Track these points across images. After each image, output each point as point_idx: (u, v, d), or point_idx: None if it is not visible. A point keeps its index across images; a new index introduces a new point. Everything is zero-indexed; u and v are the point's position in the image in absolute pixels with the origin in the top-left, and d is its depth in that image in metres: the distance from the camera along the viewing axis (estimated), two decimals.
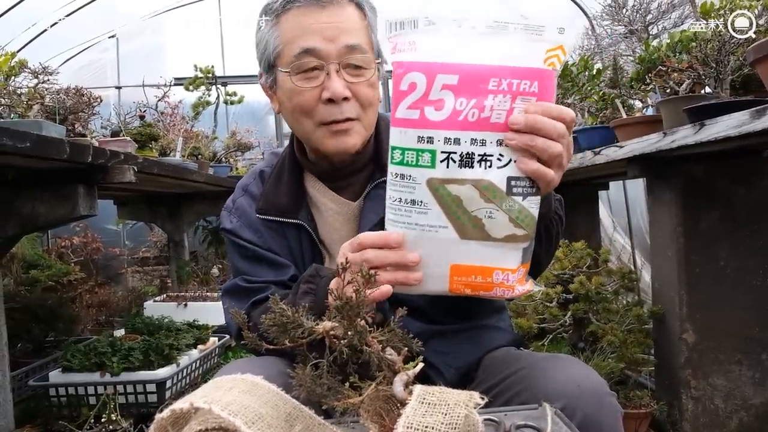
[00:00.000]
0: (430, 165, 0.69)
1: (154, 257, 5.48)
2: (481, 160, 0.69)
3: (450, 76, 0.67)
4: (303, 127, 1.02)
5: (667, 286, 2.08)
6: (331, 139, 1.00)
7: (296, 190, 1.09)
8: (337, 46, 0.95)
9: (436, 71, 0.67)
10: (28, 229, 1.80)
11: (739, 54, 1.64)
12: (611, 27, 2.75)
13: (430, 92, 0.67)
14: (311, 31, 0.94)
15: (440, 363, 1.04)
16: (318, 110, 0.98)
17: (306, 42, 0.95)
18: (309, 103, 0.98)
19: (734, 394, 1.98)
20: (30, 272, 3.23)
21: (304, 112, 0.99)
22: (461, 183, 0.70)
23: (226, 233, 1.11)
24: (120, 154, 1.90)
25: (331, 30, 0.94)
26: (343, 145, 1.01)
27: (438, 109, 0.68)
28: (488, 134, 0.68)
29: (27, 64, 1.95)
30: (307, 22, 0.95)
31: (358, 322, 0.63)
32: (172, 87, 4.03)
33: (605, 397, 0.88)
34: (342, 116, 0.98)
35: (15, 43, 4.70)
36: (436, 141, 0.68)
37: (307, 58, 0.95)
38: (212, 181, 3.70)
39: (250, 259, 1.07)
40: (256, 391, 0.61)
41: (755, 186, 1.96)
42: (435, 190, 0.70)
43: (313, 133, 1.01)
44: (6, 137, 1.32)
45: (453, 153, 0.68)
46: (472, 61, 0.67)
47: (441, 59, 0.67)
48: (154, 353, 2.36)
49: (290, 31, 0.96)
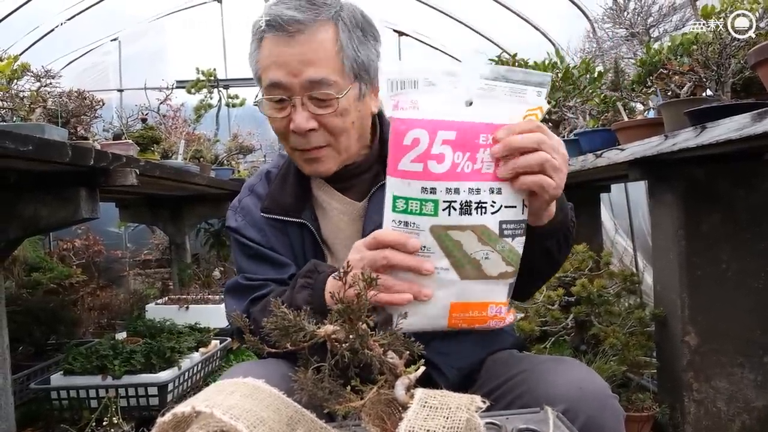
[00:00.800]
0: (433, 213, 0.76)
1: (155, 260, 5.48)
2: (478, 207, 0.76)
3: (449, 132, 0.74)
4: (286, 147, 1.08)
5: (668, 288, 2.08)
6: (306, 165, 1.06)
7: (301, 190, 1.11)
8: (300, 80, 0.97)
9: (437, 128, 0.74)
10: (30, 232, 1.80)
11: (740, 57, 1.64)
12: (612, 30, 2.75)
13: (432, 147, 0.74)
14: (278, 65, 0.98)
15: (442, 363, 1.05)
16: (290, 137, 1.03)
17: (273, 75, 0.98)
18: (281, 131, 1.03)
19: (736, 396, 1.98)
20: (32, 275, 3.23)
21: (280, 136, 1.05)
22: (462, 229, 0.76)
23: (230, 231, 1.13)
24: (122, 157, 1.90)
25: (295, 64, 0.97)
26: (315, 172, 1.06)
27: (439, 162, 0.74)
28: (482, 183, 0.75)
29: (29, 68, 1.96)
30: (277, 52, 0.98)
31: (360, 325, 0.64)
32: (174, 90, 4.03)
33: (608, 400, 0.88)
34: (309, 146, 1.02)
35: (17, 46, 4.72)
36: (438, 191, 0.75)
37: (274, 91, 0.99)
38: (214, 184, 3.70)
39: (252, 258, 1.09)
40: (258, 394, 0.61)
41: (756, 188, 1.96)
42: (438, 237, 0.77)
43: (292, 154, 1.08)
44: (8, 140, 1.32)
45: (454, 202, 0.75)
46: (466, 119, 0.74)
47: (441, 117, 0.74)
48: (156, 356, 2.36)
49: (264, 59, 1.00)
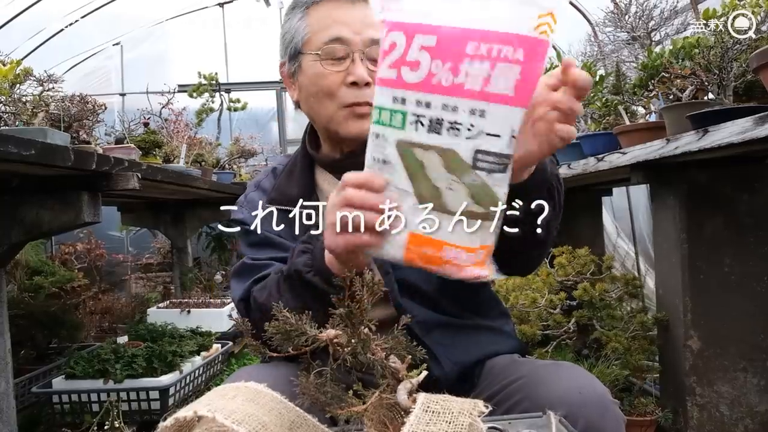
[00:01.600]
0: (400, 126, 0.68)
1: (157, 264, 5.48)
2: (451, 128, 0.66)
3: (428, 37, 0.65)
4: (325, 110, 1.08)
5: (671, 292, 2.07)
6: (352, 122, 1.06)
7: (307, 181, 1.13)
8: (362, 37, 1.03)
9: (414, 31, 0.66)
10: (32, 236, 1.81)
11: (742, 60, 1.64)
12: (613, 33, 2.75)
13: (407, 52, 0.66)
14: (342, 22, 1.04)
15: (441, 354, 1.04)
16: (341, 93, 1.05)
17: (337, 31, 1.04)
18: (334, 86, 1.05)
19: (740, 401, 1.97)
20: (34, 279, 3.23)
21: (327, 95, 1.06)
22: (426, 148, 0.68)
23: (236, 224, 1.15)
24: (124, 161, 1.90)
25: (358, 24, 1.04)
26: (361, 129, 1.04)
27: (413, 69, 0.66)
28: (461, 101, 0.65)
29: (32, 72, 1.96)
30: (338, 14, 1.05)
31: (362, 329, 0.63)
32: (176, 94, 4.04)
33: (608, 405, 0.87)
34: (363, 99, 1.04)
35: (20, 51, 4.74)
36: (408, 102, 0.67)
37: (336, 45, 1.04)
38: (216, 188, 3.71)
39: (257, 245, 1.10)
40: (260, 399, 0.61)
41: (759, 192, 1.95)
42: (403, 152, 0.69)
43: (335, 114, 1.07)
44: (11, 145, 1.33)
45: (422, 117, 0.67)
46: (453, 23, 0.65)
47: (421, 20, 0.66)
48: (158, 360, 2.36)
49: (321, 20, 1.06)
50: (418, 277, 1.06)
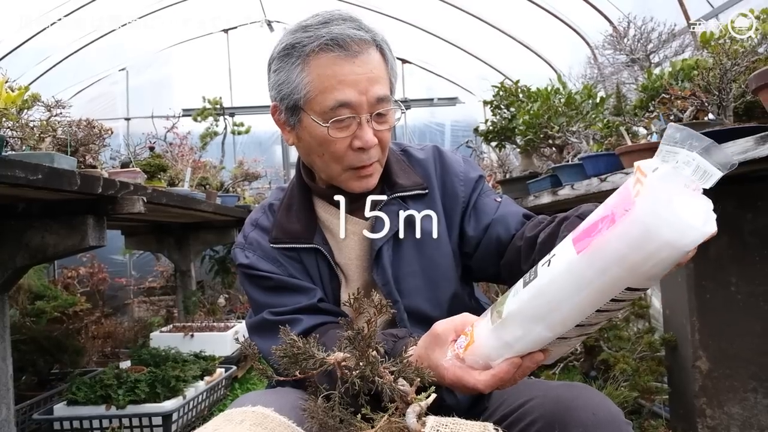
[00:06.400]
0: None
1: (160, 287, 5.47)
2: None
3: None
4: (329, 169, 1.06)
5: (678, 312, 2.06)
6: (357, 182, 1.05)
7: (308, 215, 1.11)
8: (368, 98, 0.99)
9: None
10: (37, 260, 1.81)
11: (741, 81, 1.65)
12: (613, 56, 2.78)
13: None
14: (346, 84, 0.97)
15: None
16: (347, 156, 1.02)
17: (342, 95, 0.97)
18: (340, 152, 1.01)
19: (750, 422, 1.94)
20: (36, 303, 3.22)
21: (333, 158, 1.03)
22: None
23: (243, 269, 1.09)
24: (129, 185, 1.92)
25: (363, 82, 0.98)
26: (366, 186, 1.06)
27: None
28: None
29: (40, 98, 1.98)
30: (342, 72, 0.97)
31: (370, 352, 0.63)
32: (181, 118, 4.09)
33: (622, 426, 0.86)
34: (369, 161, 1.03)
35: (27, 76, 4.81)
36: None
37: (342, 111, 0.98)
38: (220, 211, 3.72)
39: (273, 290, 1.06)
40: (267, 423, 0.61)
41: (762, 211, 1.95)
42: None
43: (340, 175, 1.05)
44: (18, 169, 1.34)
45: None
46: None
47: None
48: (161, 385, 2.34)
49: (324, 79, 0.98)
50: (427, 305, 1.06)
